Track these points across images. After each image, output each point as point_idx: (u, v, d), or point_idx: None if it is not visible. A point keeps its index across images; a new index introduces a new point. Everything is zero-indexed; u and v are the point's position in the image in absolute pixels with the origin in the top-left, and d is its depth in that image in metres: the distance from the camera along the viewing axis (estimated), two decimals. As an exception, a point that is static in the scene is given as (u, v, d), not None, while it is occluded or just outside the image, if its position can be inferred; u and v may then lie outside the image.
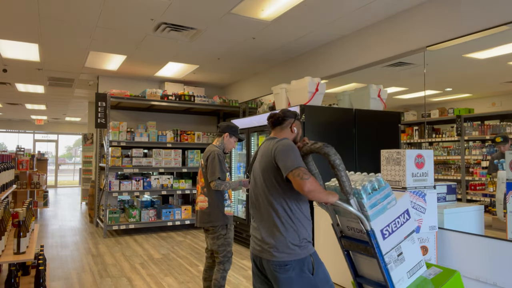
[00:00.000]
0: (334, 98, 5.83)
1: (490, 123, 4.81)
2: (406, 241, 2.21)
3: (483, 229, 3.63)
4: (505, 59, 4.05)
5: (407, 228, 2.22)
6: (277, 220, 2.07)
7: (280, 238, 2.04)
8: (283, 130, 2.30)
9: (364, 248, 2.17)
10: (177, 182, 7.25)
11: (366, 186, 2.11)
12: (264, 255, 2.08)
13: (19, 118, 16.02)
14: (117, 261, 5.12)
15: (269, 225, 2.09)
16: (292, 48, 5.93)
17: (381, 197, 2.15)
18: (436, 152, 5.51)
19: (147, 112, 8.18)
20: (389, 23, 4.62)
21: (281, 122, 2.30)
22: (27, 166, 7.98)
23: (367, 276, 2.28)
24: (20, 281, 3.18)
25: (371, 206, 2.10)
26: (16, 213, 3.15)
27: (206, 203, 3.21)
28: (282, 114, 2.30)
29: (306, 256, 2.05)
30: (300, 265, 2.03)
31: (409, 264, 2.20)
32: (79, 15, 4.67)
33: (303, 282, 2.03)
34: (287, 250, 2.03)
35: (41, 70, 7.45)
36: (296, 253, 2.03)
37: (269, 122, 2.34)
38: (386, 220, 2.14)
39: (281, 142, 2.12)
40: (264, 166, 2.15)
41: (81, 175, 12.69)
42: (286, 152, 2.05)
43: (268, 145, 2.18)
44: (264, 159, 2.16)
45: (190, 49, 6.00)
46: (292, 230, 2.05)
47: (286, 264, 2.02)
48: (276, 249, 2.04)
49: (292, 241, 2.04)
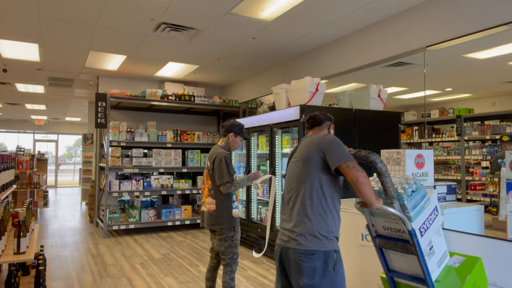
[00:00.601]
0: (334, 98, 5.83)
1: (490, 123, 4.81)
2: (436, 235, 2.33)
3: (483, 229, 3.62)
4: (505, 59, 4.05)
5: (437, 223, 2.34)
6: (309, 209, 2.12)
7: (309, 227, 2.10)
8: (321, 131, 2.44)
9: (403, 246, 2.24)
10: (177, 182, 7.25)
11: (407, 189, 2.21)
12: (290, 244, 2.13)
13: (19, 118, 16.02)
14: (117, 261, 5.13)
15: (301, 214, 2.15)
16: (292, 48, 5.93)
17: (419, 198, 2.26)
18: (436, 152, 5.51)
19: (147, 112, 8.18)
20: (389, 23, 4.62)
21: (320, 123, 2.45)
22: (27, 166, 7.98)
23: (400, 270, 2.38)
24: (20, 281, 3.18)
25: (412, 208, 2.20)
26: (16, 213, 3.15)
27: (214, 205, 3.17)
28: (321, 116, 2.46)
29: (331, 250, 2.10)
30: (325, 257, 2.07)
31: (438, 256, 2.33)
32: (79, 15, 4.67)
33: (325, 275, 2.07)
34: (314, 240, 2.08)
35: (41, 70, 7.45)
36: (323, 244, 2.08)
37: (308, 122, 2.49)
38: (423, 218, 2.26)
39: (327, 136, 2.22)
40: (305, 157, 2.21)
41: (81, 175, 12.69)
42: (337, 145, 2.14)
43: (311, 140, 2.28)
44: (306, 151, 2.23)
45: (190, 49, 6.00)
46: (321, 220, 2.11)
47: (313, 253, 2.06)
48: (303, 237, 2.09)
49: (320, 230, 2.09)
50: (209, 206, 3.21)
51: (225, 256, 3.14)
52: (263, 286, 4.18)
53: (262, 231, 5.42)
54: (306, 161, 2.20)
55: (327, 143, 2.16)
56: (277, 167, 5.18)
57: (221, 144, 3.37)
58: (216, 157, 3.19)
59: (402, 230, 2.21)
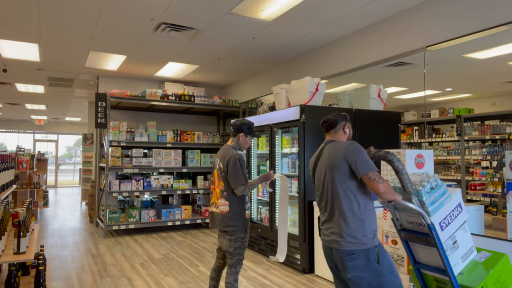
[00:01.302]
0: (334, 98, 5.83)
1: (490, 123, 4.81)
2: (460, 231, 2.48)
3: (483, 229, 3.63)
4: (505, 59, 4.05)
5: (460, 219, 2.48)
6: (348, 214, 2.28)
7: (348, 229, 2.26)
8: (337, 133, 2.55)
9: (425, 239, 2.40)
10: (177, 182, 7.25)
11: (426, 186, 2.38)
12: (333, 245, 2.32)
13: (19, 118, 16.02)
14: (117, 261, 5.13)
15: (338, 217, 2.31)
16: (292, 48, 5.93)
17: (439, 195, 2.41)
18: (436, 152, 5.51)
19: (147, 112, 8.18)
20: (389, 23, 4.62)
21: (334, 125, 2.54)
22: (27, 166, 7.98)
23: (425, 262, 2.54)
24: (20, 281, 3.18)
25: (431, 203, 2.36)
26: (16, 213, 3.15)
27: (227, 207, 3.12)
28: (334, 118, 2.54)
29: (371, 246, 2.25)
30: (366, 255, 2.23)
31: (463, 250, 2.47)
32: (79, 15, 4.67)
33: (369, 270, 2.23)
34: (353, 240, 2.24)
35: (41, 70, 7.45)
36: (363, 243, 2.24)
37: (323, 126, 2.59)
38: (443, 214, 2.41)
39: (351, 146, 2.35)
40: (333, 165, 2.36)
41: (81, 175, 12.69)
42: (360, 155, 2.30)
43: (334, 147, 2.42)
44: (332, 159, 2.37)
45: (190, 49, 6.00)
46: (359, 222, 2.26)
47: (353, 253, 2.22)
48: (343, 239, 2.26)
49: (359, 232, 2.25)
50: (222, 207, 3.15)
51: (233, 257, 3.12)
52: (263, 286, 4.18)
53: (262, 231, 5.42)
54: (334, 169, 2.34)
55: (351, 154, 2.30)
56: (277, 167, 5.18)
57: (231, 144, 3.28)
58: (230, 159, 3.11)
59: (423, 224, 2.36)
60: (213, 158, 7.61)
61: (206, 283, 4.25)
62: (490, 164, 4.77)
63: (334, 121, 2.54)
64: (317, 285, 4.21)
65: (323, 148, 2.54)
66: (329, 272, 4.30)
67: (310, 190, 4.59)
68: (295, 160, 4.80)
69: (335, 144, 2.44)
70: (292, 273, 4.61)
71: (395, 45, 4.52)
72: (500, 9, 3.41)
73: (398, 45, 4.47)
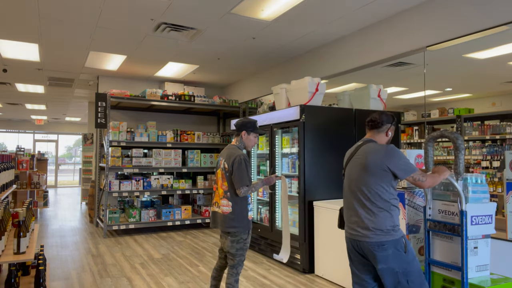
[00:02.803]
0: (334, 98, 5.83)
1: (490, 123, 4.81)
2: (482, 240, 2.64)
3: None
4: (505, 59, 4.05)
5: (486, 229, 2.64)
6: (375, 209, 2.42)
7: (378, 223, 2.40)
8: (380, 134, 2.61)
9: (452, 227, 2.59)
10: (177, 182, 7.24)
11: (474, 178, 2.65)
12: (362, 238, 2.44)
13: (19, 118, 16.02)
14: (117, 261, 5.13)
15: (368, 213, 2.44)
16: (292, 48, 5.93)
17: (481, 190, 2.64)
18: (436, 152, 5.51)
19: (147, 112, 8.18)
20: (389, 23, 4.62)
21: (380, 126, 2.59)
22: (27, 166, 7.98)
23: (439, 259, 2.73)
24: (20, 281, 3.18)
25: (473, 192, 2.60)
26: (16, 213, 3.15)
27: (230, 207, 3.09)
28: (380, 119, 2.58)
29: (399, 237, 2.41)
30: (395, 245, 2.38)
31: (479, 261, 2.63)
32: (79, 15, 4.67)
33: (398, 259, 2.38)
34: (382, 233, 2.39)
35: (41, 70, 7.45)
36: (392, 235, 2.39)
37: (368, 124, 2.63)
38: (477, 210, 2.58)
39: (390, 150, 2.44)
40: (368, 165, 2.45)
41: (81, 175, 12.69)
42: (401, 159, 2.42)
43: (374, 149, 2.50)
44: (369, 159, 2.46)
45: (190, 49, 6.00)
46: (388, 217, 2.42)
47: (384, 244, 2.37)
48: (374, 232, 2.40)
49: (388, 225, 2.40)
50: (224, 208, 3.11)
51: (234, 258, 3.10)
52: (263, 286, 4.18)
53: (262, 231, 5.42)
54: (369, 169, 2.44)
55: (392, 158, 2.41)
56: (277, 167, 5.18)
57: (236, 143, 3.24)
58: (235, 159, 3.06)
59: (456, 212, 2.58)
60: (213, 158, 7.62)
61: (206, 283, 4.25)
62: (490, 164, 4.77)
63: (381, 122, 2.58)
64: (317, 285, 4.21)
65: (360, 146, 2.59)
66: (329, 272, 4.30)
67: (310, 190, 4.59)
68: (295, 160, 4.80)
69: (374, 146, 2.51)
70: (292, 273, 4.61)
71: (395, 45, 4.52)
72: (500, 9, 3.41)
73: (398, 45, 4.47)
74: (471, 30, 3.65)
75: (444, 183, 2.73)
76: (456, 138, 2.57)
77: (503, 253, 3.07)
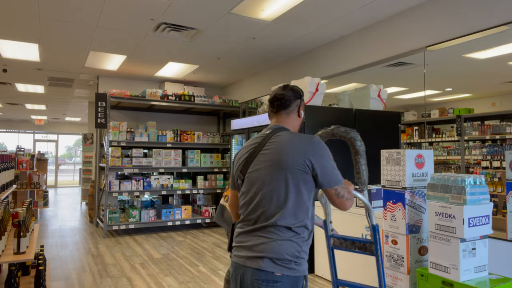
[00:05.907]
0: (334, 98, 5.83)
1: (490, 123, 4.81)
2: (480, 241, 2.60)
3: (483, 229, 3.62)
4: (505, 59, 4.05)
5: (484, 230, 2.60)
6: (281, 224, 1.63)
7: (276, 247, 1.60)
8: (289, 116, 1.89)
9: (362, 245, 2.43)
10: (177, 182, 7.25)
11: (473, 179, 2.58)
12: (249, 263, 1.62)
13: (19, 118, 16.02)
14: (117, 261, 5.13)
15: (265, 230, 1.65)
16: (292, 48, 5.93)
17: (480, 192, 2.56)
18: (436, 152, 5.51)
19: (147, 112, 8.18)
20: (389, 23, 4.62)
21: (288, 105, 1.87)
22: (27, 166, 7.98)
23: (437, 261, 2.67)
24: (20, 281, 3.18)
25: (470, 194, 2.50)
26: (16, 213, 3.16)
27: None
28: (288, 95, 1.87)
29: (301, 275, 1.63)
30: (293, 285, 1.60)
31: (477, 262, 2.60)
32: (79, 15, 4.67)
33: None
34: (279, 262, 1.59)
35: (41, 70, 7.45)
36: (291, 268, 1.60)
37: (274, 105, 1.90)
38: (475, 212, 2.52)
39: (318, 144, 1.71)
40: (281, 163, 1.67)
41: (81, 175, 12.69)
42: (329, 161, 1.69)
43: (291, 140, 1.71)
44: (285, 154, 1.67)
45: (190, 49, 6.00)
46: (295, 239, 1.64)
47: (276, 281, 1.58)
48: (267, 258, 1.59)
49: (290, 251, 1.61)
50: None
51: None
52: (263, 286, 4.18)
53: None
54: (283, 167, 1.66)
55: (318, 157, 1.66)
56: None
57: None
58: None
59: (453, 215, 2.48)
60: (213, 158, 7.62)
61: (206, 283, 4.25)
62: (490, 164, 4.77)
63: (288, 99, 1.86)
64: (317, 285, 4.21)
65: (267, 137, 1.78)
66: (329, 272, 4.30)
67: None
68: (295, 160, 4.80)
69: (290, 135, 1.74)
70: (292, 273, 4.61)
71: (395, 45, 4.52)
72: (500, 9, 3.41)
73: (398, 45, 4.47)
74: (471, 30, 3.65)
75: (443, 184, 2.69)
76: (354, 139, 1.97)
77: (503, 253, 3.07)
